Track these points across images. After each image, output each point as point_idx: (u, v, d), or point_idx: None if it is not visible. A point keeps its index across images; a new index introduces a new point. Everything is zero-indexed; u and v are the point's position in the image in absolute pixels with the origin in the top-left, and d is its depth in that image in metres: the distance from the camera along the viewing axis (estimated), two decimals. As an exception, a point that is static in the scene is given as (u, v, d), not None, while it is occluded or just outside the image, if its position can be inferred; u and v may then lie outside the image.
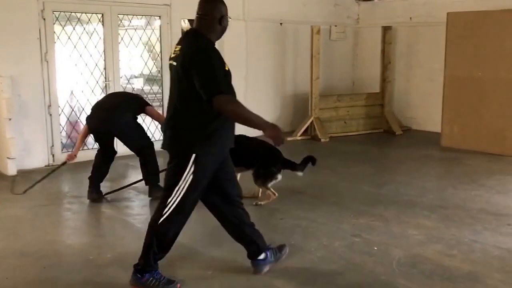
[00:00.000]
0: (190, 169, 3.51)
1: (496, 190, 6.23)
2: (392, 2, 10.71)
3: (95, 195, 5.84)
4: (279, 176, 5.66)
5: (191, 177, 3.52)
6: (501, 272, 4.03)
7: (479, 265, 4.13)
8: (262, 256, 3.94)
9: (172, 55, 3.62)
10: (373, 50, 10.56)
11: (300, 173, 5.75)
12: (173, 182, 3.56)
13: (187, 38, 3.66)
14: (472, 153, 8.07)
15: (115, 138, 5.97)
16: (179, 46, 3.58)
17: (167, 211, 3.58)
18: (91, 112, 5.95)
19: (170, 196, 3.56)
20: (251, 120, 3.43)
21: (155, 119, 6.18)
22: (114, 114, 5.77)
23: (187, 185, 3.53)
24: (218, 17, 3.61)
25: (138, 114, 6.02)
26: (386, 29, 10.13)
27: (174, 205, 3.57)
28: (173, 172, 3.59)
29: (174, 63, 3.55)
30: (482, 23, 8.07)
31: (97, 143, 6.05)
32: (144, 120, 6.74)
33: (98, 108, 5.95)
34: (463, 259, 4.26)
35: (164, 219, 3.58)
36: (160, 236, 3.63)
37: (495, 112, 8.03)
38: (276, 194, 5.70)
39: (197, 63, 3.40)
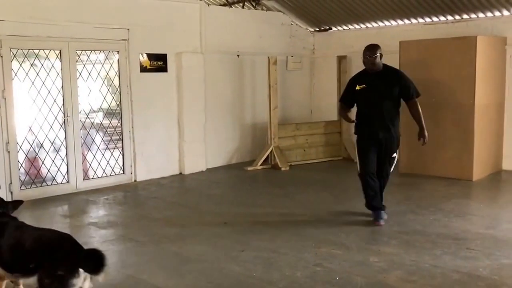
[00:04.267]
0: None
1: (454, 214, 6.37)
2: (345, 32, 11.00)
3: None
4: (77, 282, 3.44)
5: None
6: (461, 296, 4.12)
7: (440, 290, 4.21)
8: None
9: None
10: (329, 79, 10.78)
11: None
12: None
13: None
14: (430, 177, 8.26)
15: None
16: None
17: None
18: None
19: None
20: None
21: None
22: None
23: None
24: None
25: None
26: (341, 59, 10.37)
27: None
28: None
29: None
30: (432, 51, 8.35)
31: None
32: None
33: None
34: (423, 284, 4.32)
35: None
36: None
37: (450, 136, 8.26)
38: None
39: None
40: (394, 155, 6.12)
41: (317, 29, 11.35)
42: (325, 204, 7.01)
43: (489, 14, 8.82)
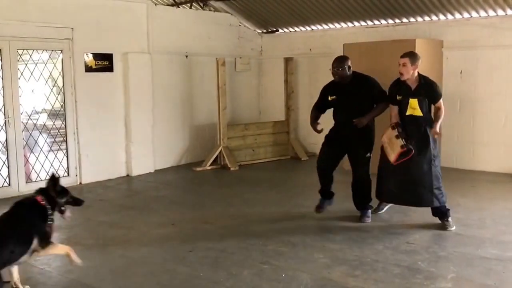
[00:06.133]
0: None
1: (394, 210, 6.54)
2: (292, 34, 11.16)
3: None
4: None
5: None
6: (397, 288, 4.26)
7: (382, 284, 4.34)
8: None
9: None
10: (277, 80, 10.92)
11: None
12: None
13: None
14: (372, 175, 8.45)
15: None
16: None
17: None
18: None
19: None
20: None
21: None
22: None
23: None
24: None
25: None
26: (288, 60, 10.52)
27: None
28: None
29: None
30: (374, 53, 8.57)
31: None
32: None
33: None
34: (366, 278, 4.46)
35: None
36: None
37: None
38: None
39: None
40: (368, 155, 6.23)
41: (265, 30, 11.47)
42: (273, 203, 7.10)
43: (427, 18, 9.16)
